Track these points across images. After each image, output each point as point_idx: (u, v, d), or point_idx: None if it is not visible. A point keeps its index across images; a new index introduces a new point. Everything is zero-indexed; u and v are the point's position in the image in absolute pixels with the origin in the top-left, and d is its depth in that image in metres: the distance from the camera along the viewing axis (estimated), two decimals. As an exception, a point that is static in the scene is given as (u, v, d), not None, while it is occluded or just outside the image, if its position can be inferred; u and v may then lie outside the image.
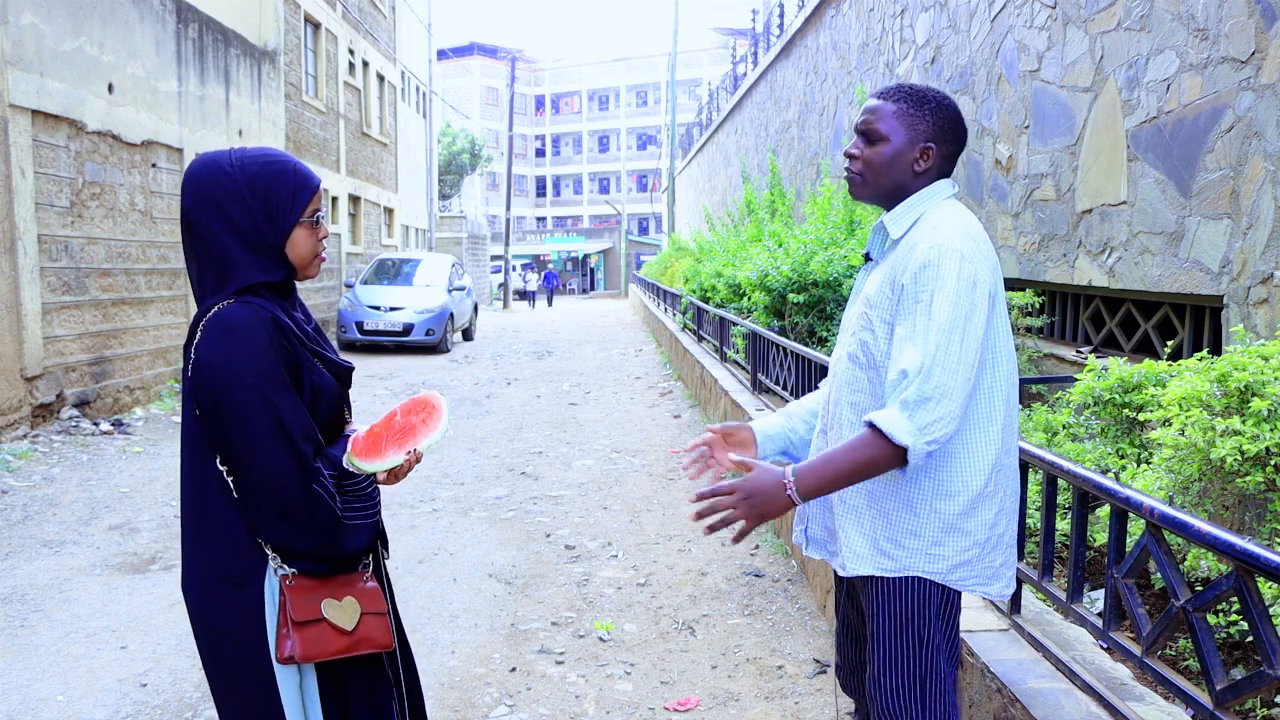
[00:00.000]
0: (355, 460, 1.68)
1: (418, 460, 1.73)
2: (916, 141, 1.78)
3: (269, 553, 1.64)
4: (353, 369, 1.83)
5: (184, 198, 1.67)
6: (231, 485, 1.63)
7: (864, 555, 1.76)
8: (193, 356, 1.61)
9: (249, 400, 1.56)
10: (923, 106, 1.79)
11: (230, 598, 1.64)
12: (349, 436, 1.78)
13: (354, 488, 1.71)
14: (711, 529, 1.70)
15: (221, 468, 1.63)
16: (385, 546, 1.94)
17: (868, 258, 1.90)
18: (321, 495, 1.61)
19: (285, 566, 1.65)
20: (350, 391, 1.88)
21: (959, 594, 1.79)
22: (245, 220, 1.64)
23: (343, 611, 1.67)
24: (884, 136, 1.79)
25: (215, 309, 1.62)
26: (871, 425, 1.64)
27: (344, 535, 1.66)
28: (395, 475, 1.74)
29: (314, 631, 1.63)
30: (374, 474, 1.73)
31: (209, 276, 1.66)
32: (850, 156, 1.84)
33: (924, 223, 1.75)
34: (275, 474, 1.57)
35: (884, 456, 1.64)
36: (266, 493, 1.58)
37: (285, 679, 1.65)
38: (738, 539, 1.73)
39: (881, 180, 1.81)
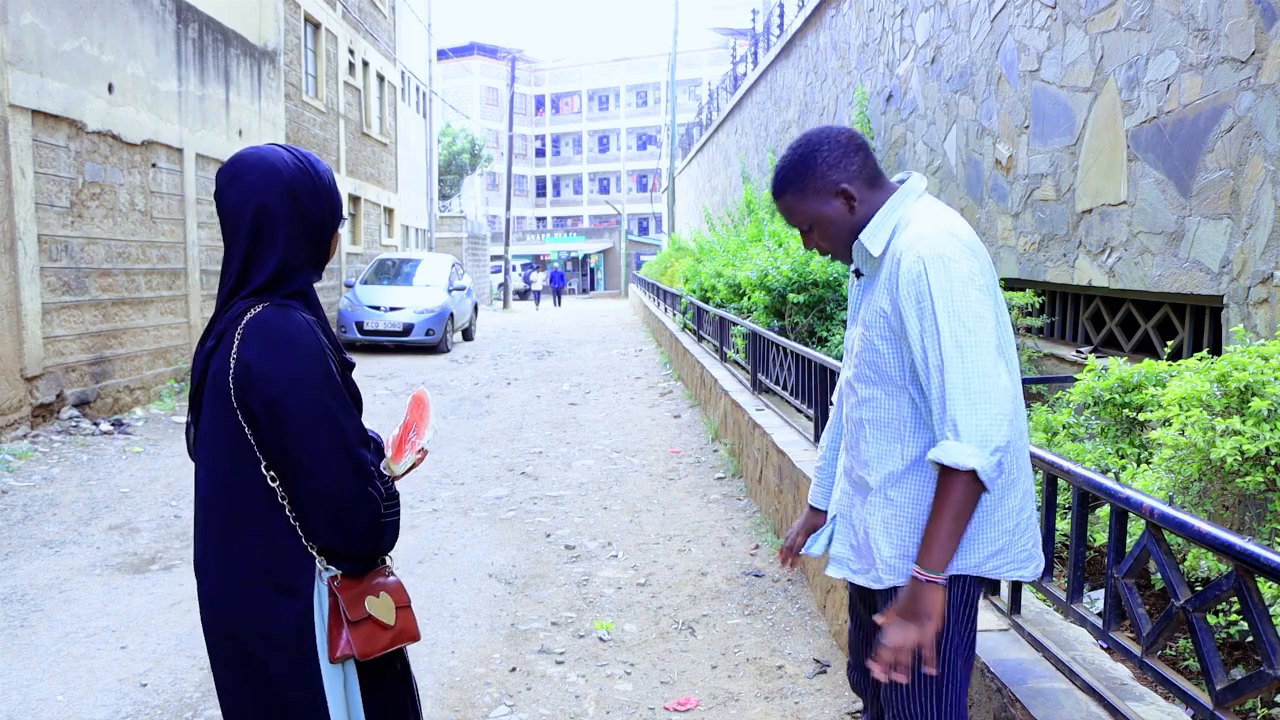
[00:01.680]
0: (395, 466, 1.76)
1: (423, 456, 1.80)
2: (832, 197, 1.80)
3: (315, 555, 1.63)
4: (353, 365, 1.84)
5: (251, 191, 1.61)
6: (278, 490, 1.61)
7: (897, 566, 1.76)
8: (234, 362, 1.56)
9: (310, 408, 1.54)
10: (804, 171, 1.81)
11: (278, 603, 1.61)
12: (379, 441, 1.82)
13: (385, 488, 1.75)
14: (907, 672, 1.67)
15: (267, 473, 1.60)
16: None
17: (858, 274, 1.91)
18: (374, 498, 1.63)
19: (331, 568, 1.65)
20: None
21: (979, 593, 1.80)
22: (318, 214, 1.65)
23: (383, 607, 1.69)
24: (811, 221, 1.82)
25: (251, 313, 1.58)
26: (939, 466, 1.63)
27: (384, 535, 1.69)
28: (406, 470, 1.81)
29: (366, 629, 1.65)
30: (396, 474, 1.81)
31: (260, 273, 1.61)
32: (812, 248, 1.89)
33: (903, 231, 1.75)
34: (336, 480, 1.57)
35: (965, 489, 1.61)
36: (326, 499, 1.57)
37: (332, 680, 1.64)
38: (932, 664, 1.68)
39: (845, 240, 1.84)
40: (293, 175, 1.62)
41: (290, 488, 1.59)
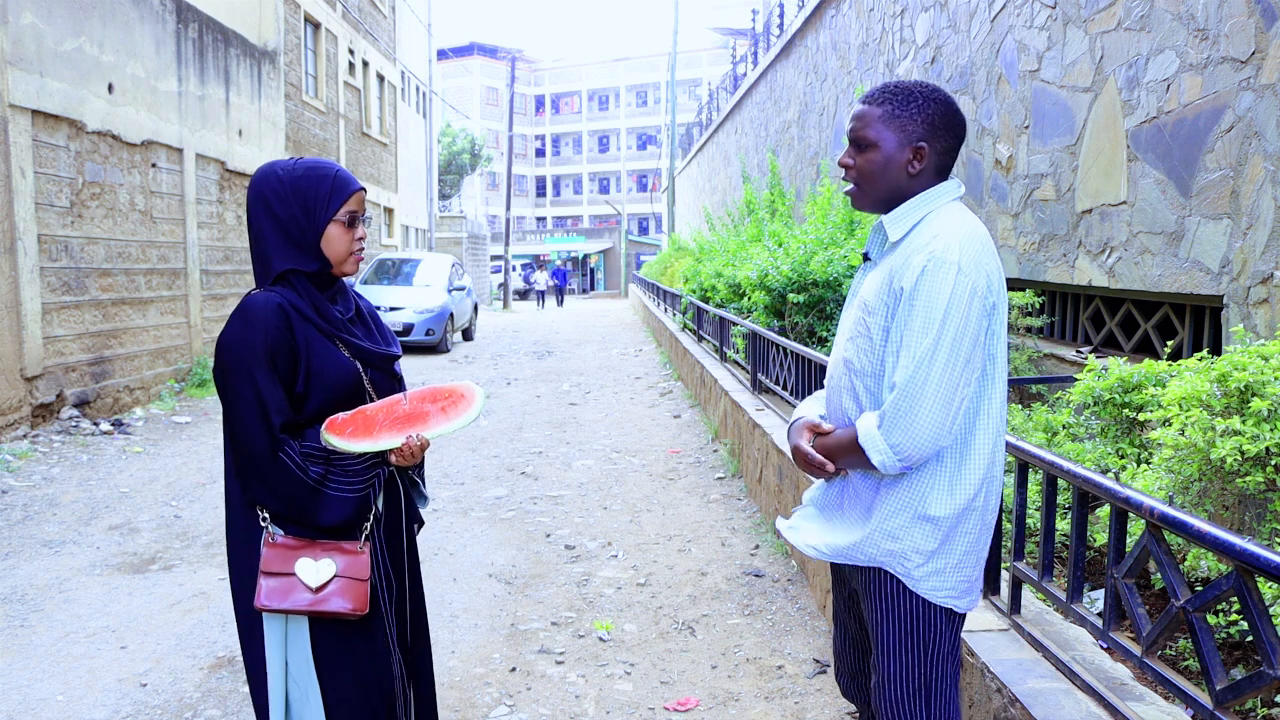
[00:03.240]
0: (329, 437, 1.80)
1: (423, 446, 1.87)
2: (907, 143, 1.71)
3: (260, 513, 1.85)
4: (394, 356, 2.02)
5: (248, 199, 1.96)
6: None
7: (880, 545, 1.74)
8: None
9: (237, 371, 1.81)
10: (909, 105, 1.71)
11: (243, 552, 1.89)
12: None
13: (340, 463, 1.85)
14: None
15: None
16: (419, 522, 2.12)
17: (866, 257, 1.85)
18: (287, 463, 1.80)
19: (273, 526, 1.86)
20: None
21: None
22: (286, 215, 1.89)
23: (314, 570, 1.83)
24: (874, 143, 1.72)
25: (246, 295, 1.87)
26: (858, 432, 1.68)
27: (319, 504, 1.82)
28: (402, 457, 1.86)
29: (282, 583, 1.82)
30: (369, 453, 1.84)
31: (258, 265, 1.91)
32: (845, 166, 1.78)
33: (925, 227, 1.69)
34: (247, 436, 1.80)
35: (860, 460, 1.70)
36: (239, 450, 1.81)
37: (271, 628, 1.86)
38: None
39: (878, 187, 1.74)
40: (269, 184, 1.90)
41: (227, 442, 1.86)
